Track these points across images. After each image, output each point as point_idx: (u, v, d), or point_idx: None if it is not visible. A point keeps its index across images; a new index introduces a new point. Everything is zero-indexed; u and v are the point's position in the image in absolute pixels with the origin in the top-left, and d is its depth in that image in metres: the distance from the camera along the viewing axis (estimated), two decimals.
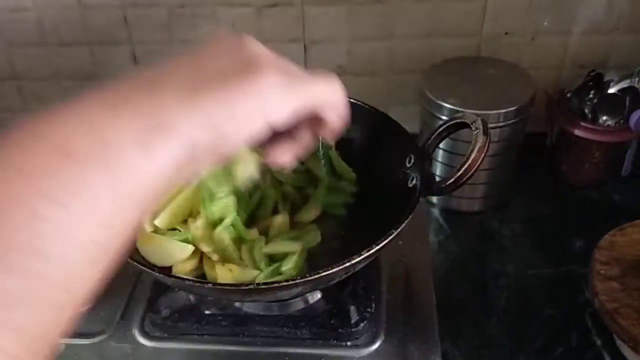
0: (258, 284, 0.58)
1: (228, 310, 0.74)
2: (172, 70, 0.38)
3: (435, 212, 0.99)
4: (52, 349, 0.30)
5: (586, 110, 0.96)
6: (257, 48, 0.41)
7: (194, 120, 0.35)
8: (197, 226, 0.70)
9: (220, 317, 0.73)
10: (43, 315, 0.29)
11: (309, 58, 1.05)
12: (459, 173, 0.65)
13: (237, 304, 0.75)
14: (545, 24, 1.00)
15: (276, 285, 0.58)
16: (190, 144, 0.35)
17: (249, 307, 0.75)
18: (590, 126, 0.94)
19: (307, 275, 0.59)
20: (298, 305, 0.75)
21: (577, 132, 0.95)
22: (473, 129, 0.66)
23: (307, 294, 0.75)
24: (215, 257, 0.69)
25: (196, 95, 0.36)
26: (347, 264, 0.59)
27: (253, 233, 0.73)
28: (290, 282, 0.58)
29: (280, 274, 0.70)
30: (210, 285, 0.58)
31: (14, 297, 0.27)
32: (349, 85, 1.09)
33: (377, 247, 0.61)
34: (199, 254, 0.71)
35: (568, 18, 0.99)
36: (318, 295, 0.76)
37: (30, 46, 1.06)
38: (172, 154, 0.34)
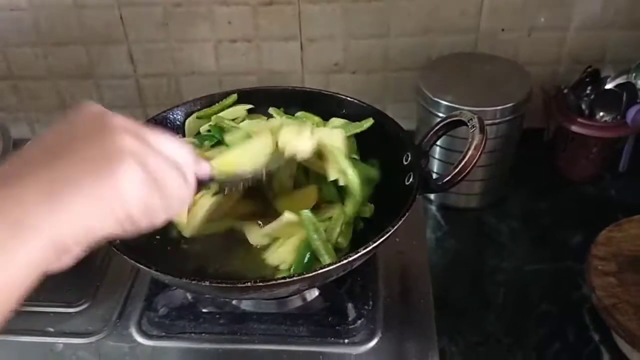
0: (255, 281, 0.58)
1: (225, 308, 0.74)
2: (30, 161, 0.38)
3: (433, 208, 0.99)
4: None
5: (583, 106, 0.96)
6: (118, 131, 0.41)
7: (57, 218, 0.36)
8: None
9: (217, 316, 0.73)
10: None
11: (305, 56, 1.05)
12: (456, 171, 0.65)
13: (234, 302, 0.75)
14: (542, 19, 1.00)
15: (273, 282, 0.58)
16: (54, 240, 0.36)
17: (247, 305, 0.75)
18: (587, 122, 0.94)
19: (304, 273, 0.59)
20: (296, 302, 0.75)
21: (574, 128, 0.95)
22: (470, 126, 0.66)
23: (305, 292, 0.75)
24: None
25: (59, 192, 0.37)
26: (344, 262, 0.59)
27: None
28: (288, 280, 0.58)
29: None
30: (207, 282, 0.58)
31: None
32: (345, 83, 1.10)
33: (374, 245, 0.61)
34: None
35: (565, 14, 0.99)
36: (316, 292, 0.76)
37: (26, 45, 1.06)
38: (36, 254, 0.36)
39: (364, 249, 0.60)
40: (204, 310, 0.74)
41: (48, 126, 0.42)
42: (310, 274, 0.59)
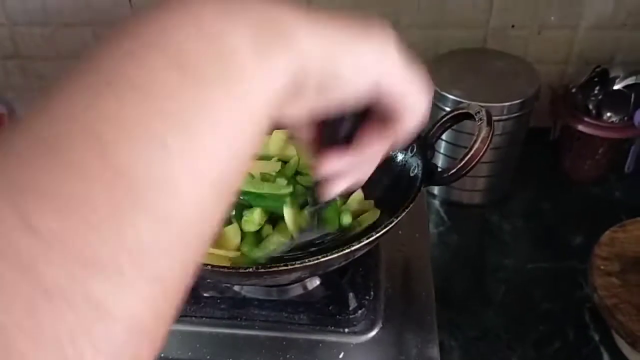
0: (257, 268, 0.58)
1: (227, 293, 0.74)
2: None
3: (436, 203, 0.99)
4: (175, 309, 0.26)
5: (590, 106, 0.95)
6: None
7: (312, 38, 0.30)
8: None
9: (218, 300, 0.73)
10: (176, 264, 0.24)
11: None
12: (462, 163, 0.64)
13: (236, 288, 0.75)
14: (552, 18, 0.99)
15: (274, 269, 0.58)
16: (302, 64, 0.30)
17: (248, 291, 0.75)
18: (594, 122, 0.93)
19: (306, 261, 0.58)
20: (297, 290, 0.75)
21: (580, 127, 0.94)
22: (477, 119, 0.65)
23: (306, 280, 0.75)
24: None
25: (318, 17, 0.31)
26: (346, 251, 0.59)
27: None
28: (289, 267, 0.58)
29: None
30: (209, 267, 0.58)
31: (147, 243, 0.23)
32: None
33: (377, 235, 0.61)
34: None
35: (575, 13, 0.99)
36: (317, 281, 0.76)
37: (35, 26, 1.06)
38: (285, 69, 0.29)
39: (366, 239, 0.60)
40: (205, 294, 0.74)
41: None
42: (312, 262, 0.58)
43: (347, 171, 0.44)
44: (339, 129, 0.42)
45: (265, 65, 0.27)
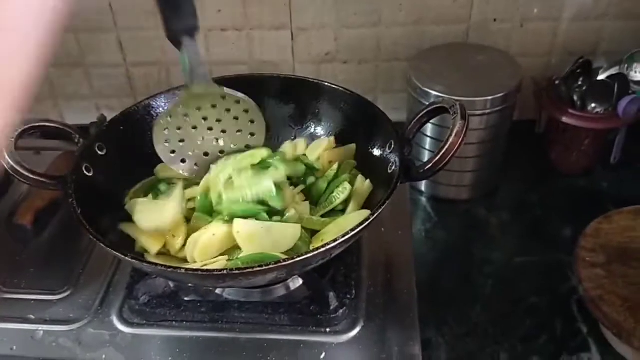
0: (231, 270, 0.57)
1: (208, 297, 0.74)
2: None
3: (423, 200, 0.99)
4: None
5: (575, 98, 0.95)
6: None
7: None
8: None
9: (199, 304, 0.73)
10: None
11: (296, 45, 1.04)
12: (437, 158, 0.64)
13: (218, 291, 0.75)
14: (535, 10, 0.99)
15: (249, 270, 0.57)
16: None
17: (230, 293, 0.74)
18: (579, 113, 0.93)
19: (282, 261, 0.58)
20: (280, 291, 0.74)
21: (565, 119, 0.94)
22: (451, 113, 0.65)
23: (289, 281, 0.74)
24: None
25: None
26: (322, 250, 0.59)
27: None
28: (264, 267, 0.57)
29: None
30: (183, 270, 0.58)
31: None
32: (337, 73, 1.09)
33: (353, 233, 0.60)
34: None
35: (557, 4, 0.98)
36: (299, 282, 0.75)
37: None
38: None
39: (342, 237, 0.60)
40: (186, 298, 0.74)
41: (39, 115, 0.43)
42: (288, 262, 0.58)
43: None
44: None
45: None
